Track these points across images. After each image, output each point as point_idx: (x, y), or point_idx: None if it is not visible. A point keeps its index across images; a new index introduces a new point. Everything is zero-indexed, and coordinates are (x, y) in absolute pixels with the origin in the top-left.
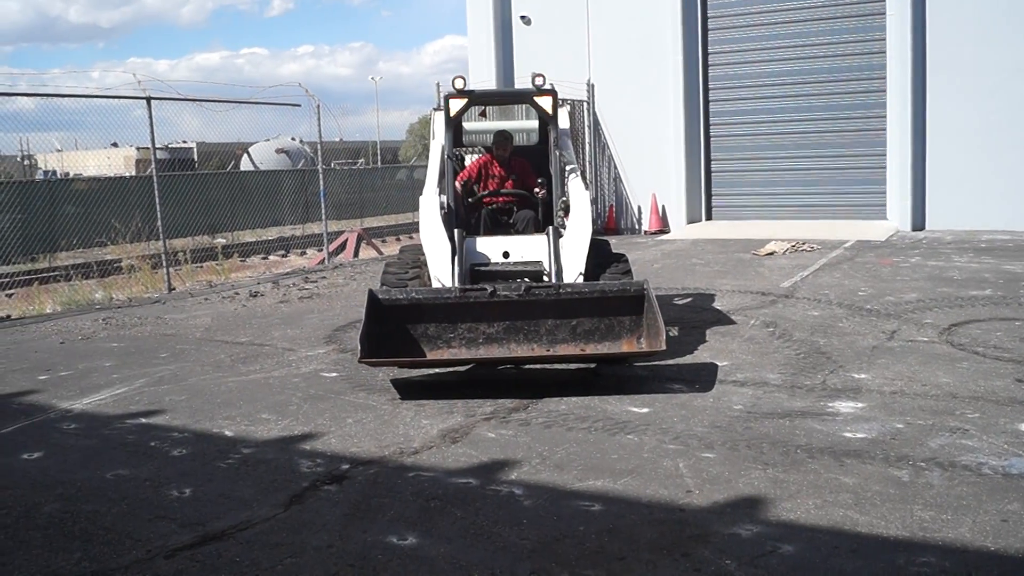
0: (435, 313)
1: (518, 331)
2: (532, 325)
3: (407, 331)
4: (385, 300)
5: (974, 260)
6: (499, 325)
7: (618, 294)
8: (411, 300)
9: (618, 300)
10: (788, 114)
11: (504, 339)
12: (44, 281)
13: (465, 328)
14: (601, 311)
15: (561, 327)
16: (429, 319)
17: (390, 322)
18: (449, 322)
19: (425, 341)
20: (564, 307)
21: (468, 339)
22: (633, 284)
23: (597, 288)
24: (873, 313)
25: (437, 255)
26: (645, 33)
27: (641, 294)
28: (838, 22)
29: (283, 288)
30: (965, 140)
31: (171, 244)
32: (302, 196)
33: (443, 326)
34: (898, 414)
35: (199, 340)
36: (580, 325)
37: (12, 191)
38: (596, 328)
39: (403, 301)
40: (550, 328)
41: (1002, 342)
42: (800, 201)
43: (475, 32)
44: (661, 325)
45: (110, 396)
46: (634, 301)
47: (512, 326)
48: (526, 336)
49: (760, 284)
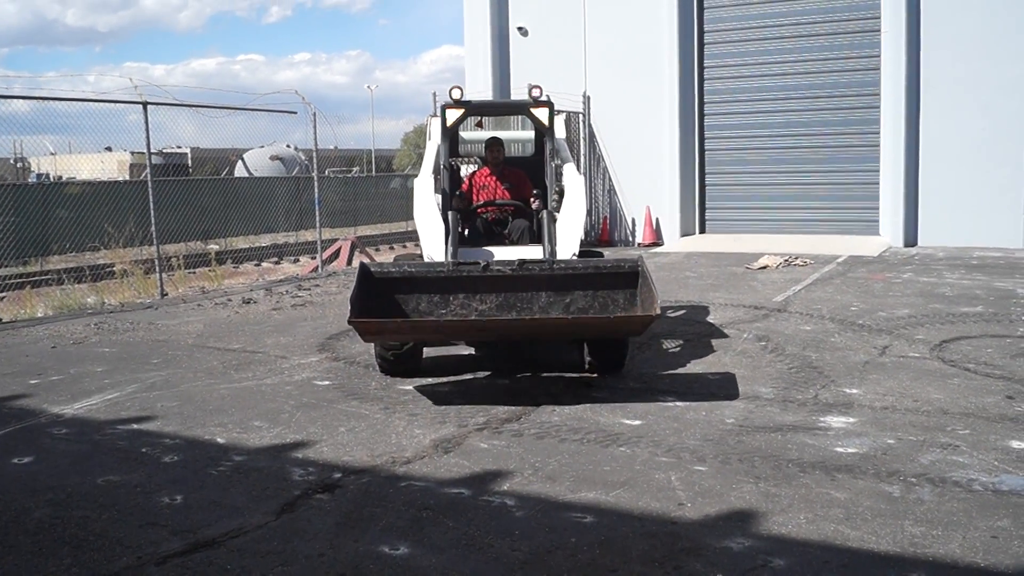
0: (428, 286)
1: (511, 307)
2: (525, 300)
3: (399, 305)
4: (377, 273)
5: (966, 277)
6: (492, 300)
7: (612, 270)
8: (403, 273)
9: (612, 276)
10: (782, 129)
11: (497, 314)
12: (36, 285)
13: (458, 303)
14: (595, 287)
15: (555, 303)
16: (422, 292)
17: (382, 295)
18: (441, 296)
19: (417, 315)
20: (558, 283)
21: (461, 314)
22: (627, 260)
23: (591, 264)
24: (865, 328)
25: (430, 235)
26: (641, 46)
27: (635, 270)
28: (833, 38)
29: (276, 295)
30: (958, 157)
31: (164, 249)
32: (296, 203)
33: (435, 300)
34: (889, 429)
35: (191, 346)
36: (574, 301)
37: (5, 194)
38: (590, 304)
39: (395, 274)
40: (544, 304)
41: (993, 359)
42: (793, 216)
43: (472, 42)
44: (656, 294)
45: (101, 401)
46: (628, 277)
47: (505, 301)
48: (519, 312)
49: (753, 298)
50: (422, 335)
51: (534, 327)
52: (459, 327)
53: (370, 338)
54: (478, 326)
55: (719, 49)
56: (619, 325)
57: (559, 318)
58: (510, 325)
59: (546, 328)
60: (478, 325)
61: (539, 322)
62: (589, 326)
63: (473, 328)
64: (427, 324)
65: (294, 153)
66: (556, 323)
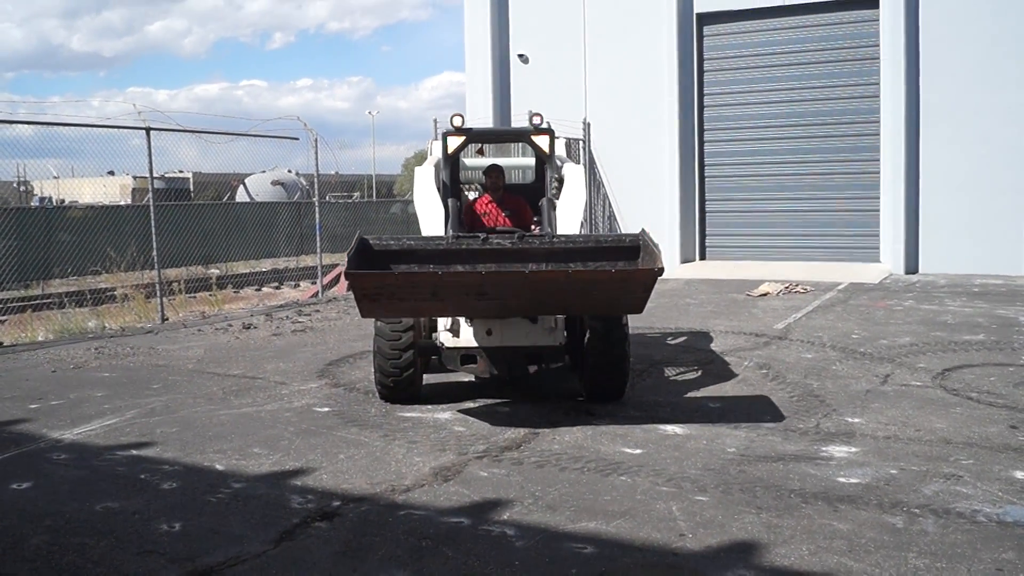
0: (427, 260)
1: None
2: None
3: None
4: (376, 245)
5: (967, 304)
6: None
7: (613, 244)
8: (402, 246)
9: (613, 251)
10: (782, 156)
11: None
12: (37, 308)
13: None
14: (596, 260)
15: None
16: (420, 264)
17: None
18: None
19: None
20: (558, 256)
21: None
22: (628, 235)
23: (592, 238)
24: (867, 356)
25: (430, 218)
26: (641, 73)
27: (636, 245)
28: (832, 66)
29: (276, 321)
30: (958, 184)
31: (165, 274)
32: (297, 228)
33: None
34: (892, 459)
35: (191, 372)
36: None
37: (8, 217)
38: None
39: (394, 247)
40: None
41: (996, 387)
42: (794, 243)
43: (473, 69)
44: (658, 254)
45: (101, 427)
46: (629, 252)
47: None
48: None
49: (754, 325)
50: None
51: (534, 284)
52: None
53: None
54: (476, 281)
55: (719, 76)
56: (622, 281)
57: (559, 271)
58: (509, 281)
59: (546, 286)
60: (476, 280)
61: (539, 277)
62: (590, 282)
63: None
64: (425, 278)
65: (295, 178)
66: (556, 278)
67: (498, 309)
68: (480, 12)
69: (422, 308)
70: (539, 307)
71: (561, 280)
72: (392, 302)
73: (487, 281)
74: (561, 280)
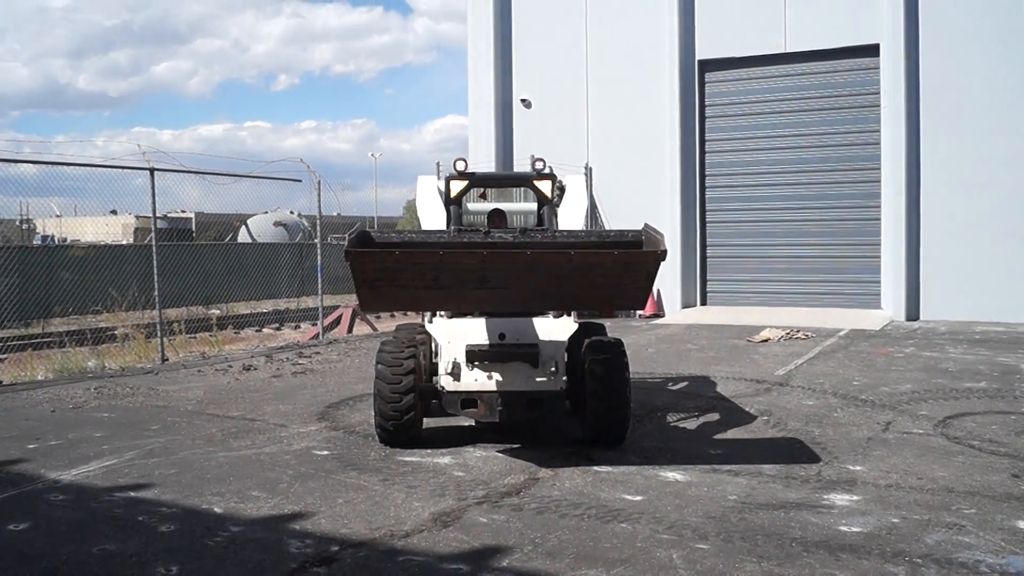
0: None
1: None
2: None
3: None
4: (378, 238)
5: (969, 352)
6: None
7: (615, 239)
8: (404, 239)
9: (616, 244)
10: (783, 202)
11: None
12: (37, 347)
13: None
14: None
15: None
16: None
17: None
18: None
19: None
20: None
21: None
22: (630, 231)
23: (594, 232)
24: (868, 403)
25: (432, 223)
26: (643, 119)
27: (639, 240)
28: (833, 113)
29: (276, 362)
30: (958, 231)
31: (165, 314)
32: (298, 270)
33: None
34: (894, 508)
35: (191, 413)
36: None
37: (10, 256)
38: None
39: (395, 239)
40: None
41: (998, 436)
42: (795, 288)
43: (476, 113)
44: (660, 238)
45: (99, 468)
46: (632, 246)
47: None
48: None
49: (754, 371)
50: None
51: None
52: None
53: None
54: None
55: (720, 122)
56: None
57: (561, 254)
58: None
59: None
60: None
61: (541, 259)
62: (593, 267)
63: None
64: (426, 258)
65: (297, 219)
66: (558, 261)
67: (500, 300)
68: (484, 57)
69: (423, 299)
70: (541, 298)
71: (563, 264)
72: (393, 289)
73: (488, 265)
74: (563, 264)
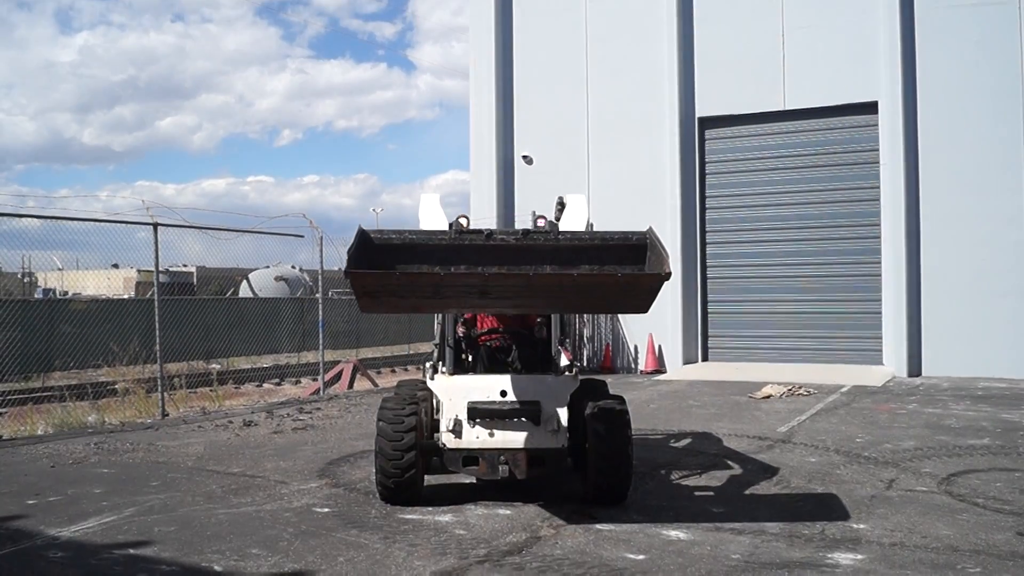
0: (429, 255)
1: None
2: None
3: None
4: (377, 239)
5: (971, 408)
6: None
7: (619, 242)
8: (404, 240)
9: (620, 248)
10: (784, 258)
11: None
12: (38, 401)
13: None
14: (601, 260)
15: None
16: (422, 261)
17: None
18: (442, 266)
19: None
20: (563, 255)
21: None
22: (635, 232)
23: (598, 235)
24: (871, 461)
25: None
26: (644, 175)
27: (643, 242)
28: (832, 170)
29: (277, 418)
30: (959, 287)
31: (166, 368)
32: (300, 325)
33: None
34: (898, 567)
35: (191, 469)
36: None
37: (11, 309)
38: None
39: (395, 240)
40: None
41: (1002, 493)
42: (796, 344)
43: (478, 169)
44: (665, 256)
45: (98, 524)
46: (636, 250)
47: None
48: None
49: (757, 428)
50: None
51: (537, 286)
52: (459, 284)
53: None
54: (479, 282)
55: (720, 179)
56: (627, 286)
57: (564, 275)
58: (512, 283)
59: (550, 289)
60: (479, 281)
61: (543, 281)
62: (595, 286)
63: (473, 287)
64: (426, 278)
65: (298, 274)
66: (560, 281)
67: (501, 308)
68: (485, 113)
69: (423, 305)
70: (542, 307)
71: (565, 283)
72: (393, 299)
73: (490, 282)
74: (565, 283)
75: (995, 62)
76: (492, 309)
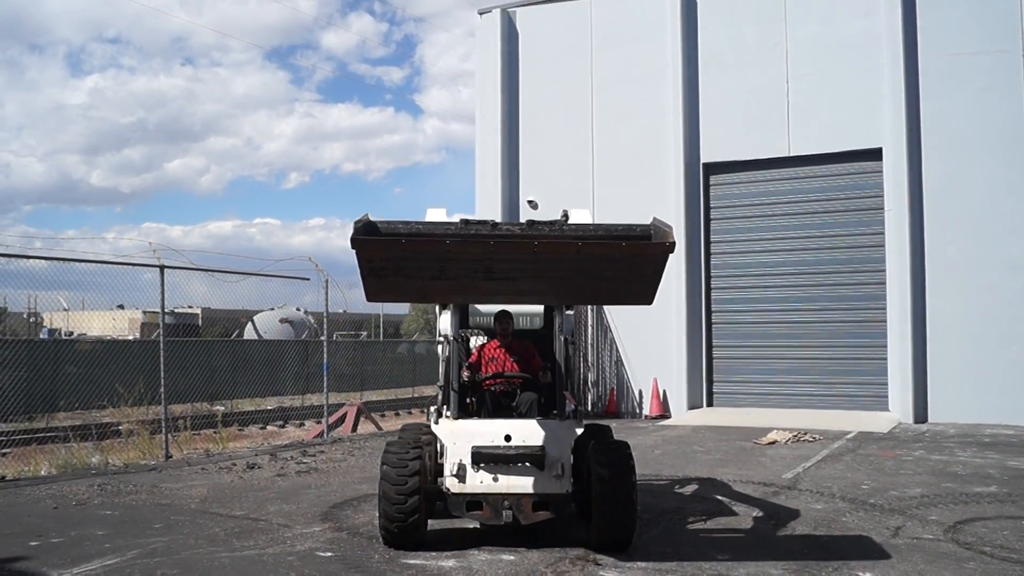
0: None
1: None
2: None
3: None
4: (384, 228)
5: (978, 455)
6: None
7: (624, 233)
8: (409, 230)
9: (624, 239)
10: (789, 304)
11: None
12: (42, 441)
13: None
14: None
15: None
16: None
17: None
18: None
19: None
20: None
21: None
22: (639, 225)
23: (603, 227)
24: (877, 508)
25: None
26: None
27: (648, 234)
28: (837, 216)
29: (281, 461)
30: (966, 334)
31: (170, 410)
32: (304, 367)
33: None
34: None
35: (194, 511)
36: None
37: (17, 349)
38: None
39: (401, 230)
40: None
41: (1009, 541)
42: (802, 390)
43: (483, 214)
44: (668, 229)
45: (101, 567)
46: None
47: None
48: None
49: (762, 474)
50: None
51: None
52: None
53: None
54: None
55: (725, 225)
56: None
57: (569, 244)
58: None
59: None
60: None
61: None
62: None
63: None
64: (432, 247)
65: (303, 316)
66: (565, 252)
67: (507, 292)
68: (491, 158)
69: (429, 290)
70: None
71: (570, 255)
72: (398, 279)
73: (495, 256)
74: (570, 255)
75: (999, 109)
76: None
